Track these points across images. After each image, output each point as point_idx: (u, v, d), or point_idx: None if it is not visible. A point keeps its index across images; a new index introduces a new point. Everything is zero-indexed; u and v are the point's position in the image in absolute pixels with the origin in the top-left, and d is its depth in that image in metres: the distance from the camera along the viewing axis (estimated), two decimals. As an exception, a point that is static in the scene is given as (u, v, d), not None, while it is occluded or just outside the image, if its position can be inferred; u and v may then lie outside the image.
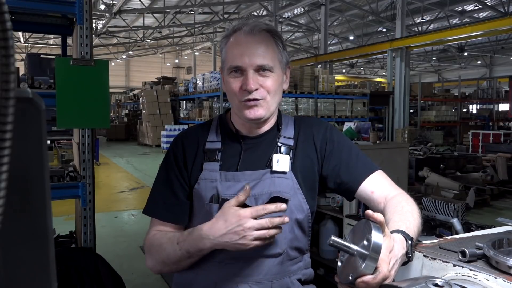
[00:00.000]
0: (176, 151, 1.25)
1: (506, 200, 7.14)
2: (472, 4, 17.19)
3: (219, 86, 12.25)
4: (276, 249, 1.15)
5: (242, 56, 1.15)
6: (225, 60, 1.20)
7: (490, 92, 22.35)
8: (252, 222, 1.01)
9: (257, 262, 1.14)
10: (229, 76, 1.17)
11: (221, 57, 1.25)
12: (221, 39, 1.24)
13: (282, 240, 1.16)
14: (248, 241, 1.02)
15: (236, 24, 1.22)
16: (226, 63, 1.18)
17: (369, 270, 0.82)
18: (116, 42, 25.34)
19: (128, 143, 19.01)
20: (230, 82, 1.17)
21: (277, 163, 1.18)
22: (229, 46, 1.18)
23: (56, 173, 2.51)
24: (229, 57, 1.17)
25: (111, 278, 2.43)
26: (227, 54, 1.19)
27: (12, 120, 0.32)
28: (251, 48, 1.15)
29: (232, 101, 1.21)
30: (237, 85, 1.16)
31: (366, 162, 1.25)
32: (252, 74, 1.14)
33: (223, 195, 1.15)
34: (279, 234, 1.10)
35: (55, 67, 2.19)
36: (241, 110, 1.17)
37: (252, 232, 1.01)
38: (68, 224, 4.37)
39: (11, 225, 0.35)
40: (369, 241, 0.82)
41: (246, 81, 1.14)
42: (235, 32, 1.19)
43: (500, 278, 0.81)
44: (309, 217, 1.23)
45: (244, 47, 1.15)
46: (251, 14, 20.24)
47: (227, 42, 1.20)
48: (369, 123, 4.39)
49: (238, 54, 1.15)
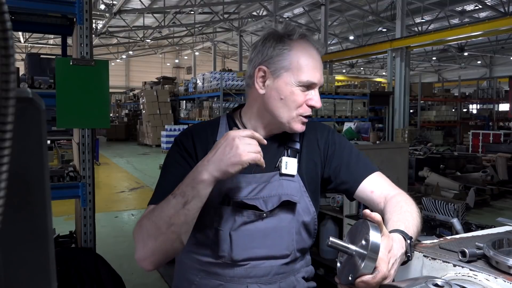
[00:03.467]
0: (186, 145, 1.19)
1: (506, 200, 7.13)
2: (472, 4, 17.18)
3: (219, 86, 12.25)
4: (284, 251, 1.18)
5: (315, 71, 1.13)
6: (292, 66, 1.12)
7: (490, 92, 22.35)
8: (246, 132, 1.01)
9: (266, 263, 1.16)
10: (298, 87, 1.13)
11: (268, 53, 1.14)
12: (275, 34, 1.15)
13: (290, 242, 1.18)
14: (242, 151, 0.97)
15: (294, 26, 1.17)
16: (297, 73, 1.12)
17: (368, 270, 0.82)
18: (116, 42, 25.33)
19: (128, 143, 19.00)
20: (297, 94, 1.13)
21: (285, 166, 1.19)
22: (299, 53, 1.13)
23: (56, 173, 2.51)
24: (303, 68, 1.12)
25: (111, 278, 2.43)
26: (298, 61, 1.12)
27: (12, 120, 0.32)
28: (319, 65, 1.16)
29: (283, 109, 1.15)
30: (302, 99, 1.14)
31: (366, 163, 1.27)
32: (317, 92, 1.16)
33: (234, 198, 1.15)
34: (287, 236, 1.15)
35: (55, 67, 2.19)
36: (293, 122, 1.15)
37: (247, 140, 0.99)
38: (68, 224, 4.37)
39: (11, 225, 0.35)
40: (367, 241, 0.83)
41: (315, 99, 1.15)
42: (301, 37, 1.15)
43: (500, 278, 0.81)
44: (315, 219, 1.24)
45: (316, 61, 1.14)
46: (251, 14, 20.24)
47: (291, 44, 1.13)
48: (369, 123, 4.40)
49: (311, 68, 1.13)
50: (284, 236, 1.17)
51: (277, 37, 1.15)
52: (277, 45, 1.13)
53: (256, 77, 1.16)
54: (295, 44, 1.13)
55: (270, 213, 1.15)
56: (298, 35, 1.14)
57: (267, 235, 1.15)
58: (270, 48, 1.14)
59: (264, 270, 1.16)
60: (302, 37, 1.15)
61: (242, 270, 1.14)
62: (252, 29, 22.61)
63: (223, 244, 1.13)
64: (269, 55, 1.14)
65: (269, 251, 1.15)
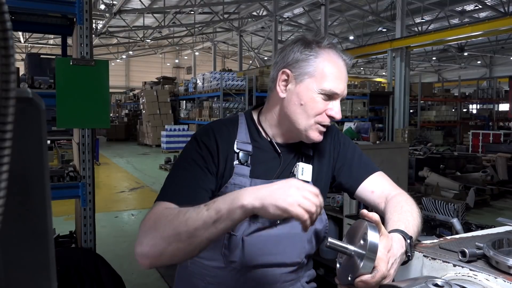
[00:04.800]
0: (208, 144, 1.12)
1: (506, 200, 7.13)
2: (472, 4, 17.17)
3: (219, 86, 12.25)
4: (295, 258, 1.17)
5: (339, 82, 1.11)
6: (317, 73, 1.10)
7: (490, 92, 22.33)
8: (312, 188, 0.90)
9: (276, 270, 1.15)
10: (319, 95, 1.11)
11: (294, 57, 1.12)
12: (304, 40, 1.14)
13: (301, 249, 1.18)
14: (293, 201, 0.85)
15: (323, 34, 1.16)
16: (321, 80, 1.10)
17: (367, 270, 0.82)
18: (116, 42, 25.33)
19: (128, 143, 19.00)
20: (318, 101, 1.11)
21: (301, 172, 1.17)
22: (325, 61, 1.11)
23: (56, 173, 2.51)
24: (327, 76, 1.10)
25: (111, 278, 2.43)
26: (323, 68, 1.10)
27: (12, 120, 0.32)
28: (344, 76, 1.14)
29: (301, 115, 1.12)
30: (322, 107, 1.11)
31: (367, 163, 1.27)
32: (338, 103, 1.14)
33: None
34: (299, 243, 1.15)
35: (55, 67, 2.19)
36: (310, 130, 1.13)
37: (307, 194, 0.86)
38: (68, 224, 4.37)
39: (11, 225, 0.35)
40: (365, 241, 0.83)
41: (336, 110, 1.12)
42: (330, 46, 1.13)
43: (500, 278, 0.81)
44: (326, 227, 1.24)
45: (341, 72, 1.12)
46: (251, 14, 20.24)
47: (318, 51, 1.12)
48: (369, 123, 4.40)
49: (335, 78, 1.11)
50: (296, 244, 1.16)
51: (305, 43, 1.13)
52: (304, 50, 1.11)
53: (279, 80, 1.14)
54: (323, 52, 1.11)
55: (284, 220, 1.13)
56: (327, 43, 1.13)
57: (280, 242, 1.13)
58: (297, 52, 1.12)
59: (274, 278, 1.15)
60: (331, 46, 1.13)
61: (253, 276, 1.13)
62: (252, 29, 22.60)
63: (235, 250, 1.11)
64: (295, 59, 1.12)
65: (280, 258, 1.14)
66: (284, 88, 1.14)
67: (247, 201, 0.87)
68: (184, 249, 0.91)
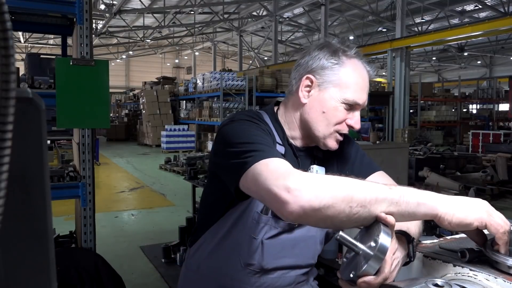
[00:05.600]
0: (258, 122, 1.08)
1: (506, 200, 7.13)
2: (472, 4, 17.19)
3: (219, 86, 12.25)
4: (310, 260, 1.21)
5: (362, 93, 1.11)
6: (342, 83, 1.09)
7: (490, 92, 22.34)
8: None
9: (291, 273, 1.18)
10: (342, 104, 1.10)
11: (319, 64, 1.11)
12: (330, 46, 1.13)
13: (315, 251, 1.22)
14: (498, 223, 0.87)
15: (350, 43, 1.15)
16: (345, 90, 1.09)
17: (371, 271, 0.82)
18: (116, 42, 25.34)
19: (128, 143, 19.01)
20: (340, 110, 1.10)
21: None
22: (350, 71, 1.10)
23: (56, 173, 2.51)
24: (352, 86, 1.09)
25: (111, 278, 2.43)
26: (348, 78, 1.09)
27: (12, 120, 0.32)
28: (367, 87, 1.13)
29: (322, 123, 1.12)
30: (343, 117, 1.11)
31: (370, 162, 1.29)
32: (358, 113, 1.13)
33: None
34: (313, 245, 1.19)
35: (55, 67, 2.19)
36: (328, 138, 1.13)
37: None
38: (68, 224, 4.37)
39: (11, 225, 0.35)
40: (376, 243, 0.82)
41: (355, 120, 1.12)
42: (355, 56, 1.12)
43: (500, 278, 0.81)
44: None
45: (364, 83, 1.12)
46: (251, 14, 20.24)
47: (344, 61, 1.11)
48: (369, 123, 4.40)
49: (359, 88, 1.10)
50: (311, 246, 1.19)
51: (332, 50, 1.11)
52: (331, 58, 1.10)
53: (302, 85, 1.13)
54: (349, 62, 1.11)
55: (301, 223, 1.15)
56: (354, 52, 1.12)
57: (296, 244, 1.16)
58: (322, 59, 1.11)
59: (289, 279, 1.18)
60: (357, 56, 1.12)
61: (269, 279, 1.15)
62: (252, 29, 22.62)
63: (254, 253, 1.12)
64: (320, 66, 1.10)
65: (296, 261, 1.17)
66: (307, 94, 1.13)
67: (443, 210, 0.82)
68: (345, 216, 0.81)
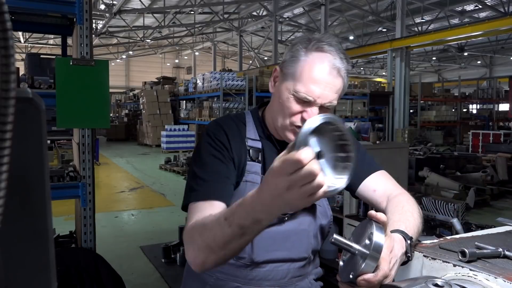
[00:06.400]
0: (220, 138, 1.13)
1: (506, 200, 7.14)
2: (472, 4, 17.18)
3: (219, 86, 12.25)
4: (303, 254, 1.20)
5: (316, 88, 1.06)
6: (296, 75, 1.08)
7: (490, 92, 22.33)
8: None
9: (284, 266, 1.18)
10: (292, 96, 1.08)
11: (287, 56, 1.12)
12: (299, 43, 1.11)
13: (308, 245, 1.21)
14: None
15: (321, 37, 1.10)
16: (297, 83, 1.07)
17: (369, 269, 0.82)
18: (116, 42, 25.33)
19: (128, 143, 19.01)
20: (291, 101, 1.08)
21: None
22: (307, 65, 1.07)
23: (56, 173, 2.51)
24: (304, 80, 1.06)
25: (111, 278, 2.44)
26: (302, 71, 1.07)
27: (12, 120, 0.32)
28: (325, 83, 1.06)
29: (279, 113, 1.12)
30: (297, 109, 1.08)
31: (371, 161, 1.27)
32: (316, 110, 1.07)
33: None
34: (306, 239, 1.18)
35: (55, 67, 2.19)
36: (285, 131, 1.13)
37: None
38: (68, 224, 4.37)
39: (11, 225, 0.35)
40: (370, 241, 0.83)
41: (308, 116, 1.06)
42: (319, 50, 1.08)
43: (500, 278, 0.81)
44: (331, 223, 1.27)
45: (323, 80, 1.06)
46: (251, 14, 20.24)
47: (307, 54, 1.08)
48: (369, 123, 4.40)
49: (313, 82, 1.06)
50: (303, 239, 1.19)
51: (305, 43, 1.10)
52: (299, 50, 1.09)
53: (273, 76, 1.17)
54: (312, 55, 1.08)
55: (291, 216, 1.17)
56: (315, 47, 1.08)
57: (287, 237, 1.16)
58: (289, 52, 1.12)
59: (282, 273, 1.17)
60: (320, 50, 1.07)
61: (261, 272, 1.16)
62: (252, 29, 22.60)
63: None
64: (286, 58, 1.12)
65: (288, 254, 1.17)
66: (273, 84, 1.17)
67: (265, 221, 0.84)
68: (222, 257, 0.92)
